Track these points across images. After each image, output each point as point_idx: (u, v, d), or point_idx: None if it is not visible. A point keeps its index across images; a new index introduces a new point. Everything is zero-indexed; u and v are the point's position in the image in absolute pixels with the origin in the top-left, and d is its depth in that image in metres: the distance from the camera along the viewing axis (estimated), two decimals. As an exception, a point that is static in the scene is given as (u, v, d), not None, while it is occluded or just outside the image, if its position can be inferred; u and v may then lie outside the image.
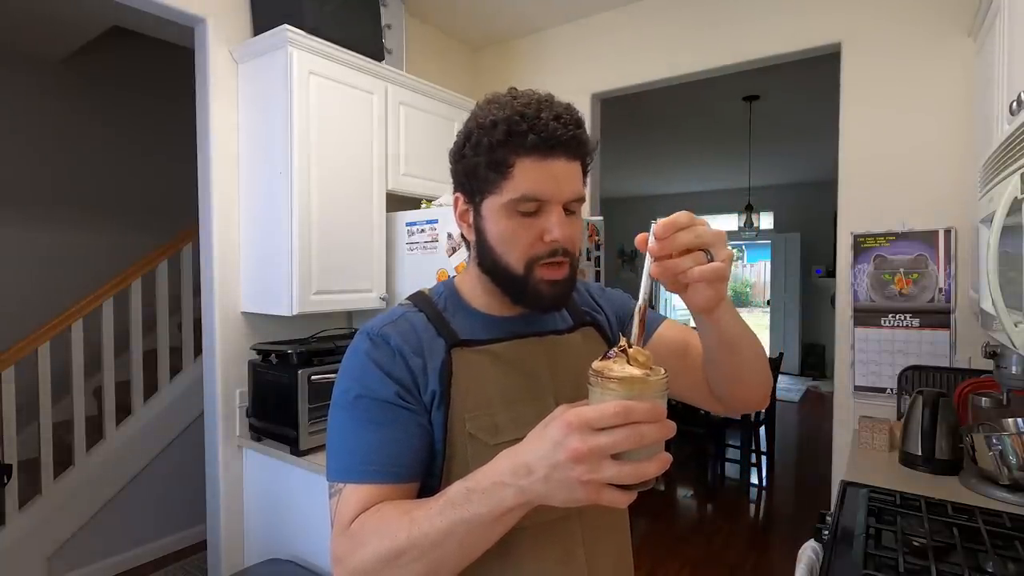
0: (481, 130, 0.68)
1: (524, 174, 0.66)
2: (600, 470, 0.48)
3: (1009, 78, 1.24)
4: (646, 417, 0.48)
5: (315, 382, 1.88)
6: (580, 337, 0.80)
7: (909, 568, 1.06)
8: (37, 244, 3.14)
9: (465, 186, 0.72)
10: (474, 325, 0.74)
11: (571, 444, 0.48)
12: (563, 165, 0.67)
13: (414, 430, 0.67)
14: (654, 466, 0.48)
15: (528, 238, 0.68)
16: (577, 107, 0.72)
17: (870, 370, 2.06)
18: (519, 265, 0.69)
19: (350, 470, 0.65)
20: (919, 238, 1.97)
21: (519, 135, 0.65)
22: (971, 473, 1.53)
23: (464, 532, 0.54)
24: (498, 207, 0.68)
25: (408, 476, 0.66)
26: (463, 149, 0.71)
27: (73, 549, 2.50)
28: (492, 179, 0.68)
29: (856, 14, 2.10)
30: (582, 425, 0.48)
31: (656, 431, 0.48)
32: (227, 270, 2.03)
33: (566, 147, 0.67)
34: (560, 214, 0.68)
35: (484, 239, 0.71)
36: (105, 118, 3.39)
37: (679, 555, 2.89)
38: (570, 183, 0.68)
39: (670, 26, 2.51)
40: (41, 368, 2.40)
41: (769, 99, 4.03)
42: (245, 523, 2.10)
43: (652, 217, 4.00)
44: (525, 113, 0.65)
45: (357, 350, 0.70)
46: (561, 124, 0.66)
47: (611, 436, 0.47)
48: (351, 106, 2.04)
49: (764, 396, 0.77)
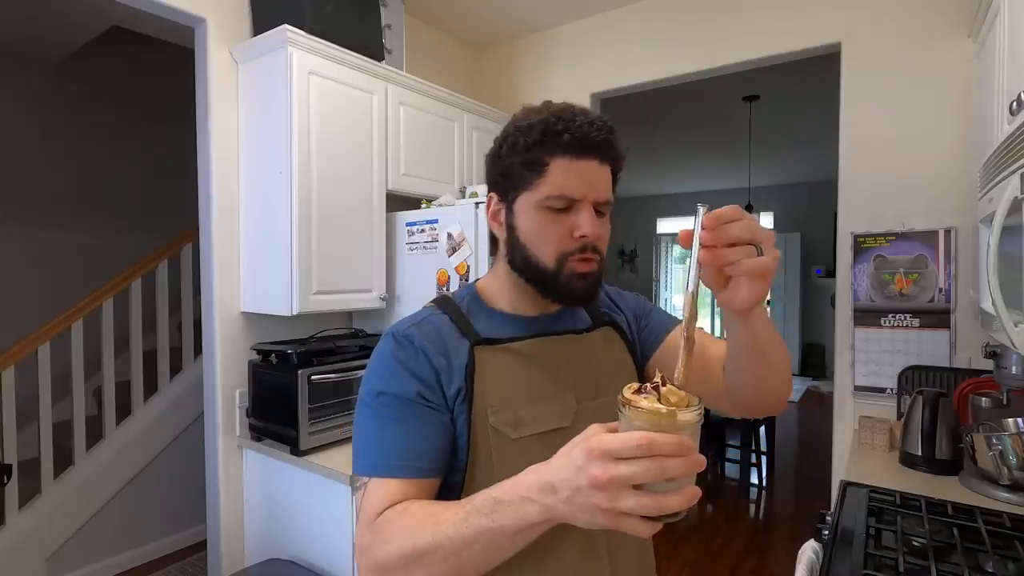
0: (518, 131, 0.72)
1: (558, 172, 0.70)
2: (620, 500, 0.47)
3: (1009, 78, 1.24)
4: (671, 451, 0.47)
5: (315, 382, 1.88)
6: (600, 336, 0.83)
7: (909, 568, 1.06)
8: (37, 244, 3.14)
9: (500, 185, 0.76)
10: (496, 325, 0.77)
11: (592, 471, 0.48)
12: (595, 167, 0.71)
13: (436, 427, 0.69)
14: (678, 500, 0.47)
15: (559, 233, 0.71)
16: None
17: (870, 370, 2.06)
18: (550, 260, 0.71)
19: (374, 465, 0.67)
20: (919, 238, 1.97)
21: (555, 135, 0.69)
22: (971, 473, 1.53)
23: (487, 541, 0.55)
24: (532, 204, 0.71)
25: (430, 471, 0.68)
26: (500, 150, 0.74)
27: (73, 549, 2.50)
28: (527, 177, 0.71)
29: (856, 14, 2.10)
30: (604, 454, 0.48)
31: (681, 466, 0.47)
32: (227, 270, 2.03)
33: (599, 149, 0.70)
34: (591, 211, 0.71)
35: (516, 236, 0.74)
36: (105, 118, 3.39)
37: (679, 555, 2.90)
38: (601, 184, 0.72)
39: (670, 26, 2.51)
40: (41, 368, 2.40)
41: (769, 99, 4.03)
42: (245, 523, 2.10)
43: (652, 217, 4.00)
44: (561, 116, 0.69)
45: (383, 351, 0.73)
46: (595, 128, 0.69)
47: (632, 467, 0.47)
48: (351, 106, 2.04)
49: (784, 401, 0.76)
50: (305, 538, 1.88)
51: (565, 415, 0.73)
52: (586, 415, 0.74)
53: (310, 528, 1.86)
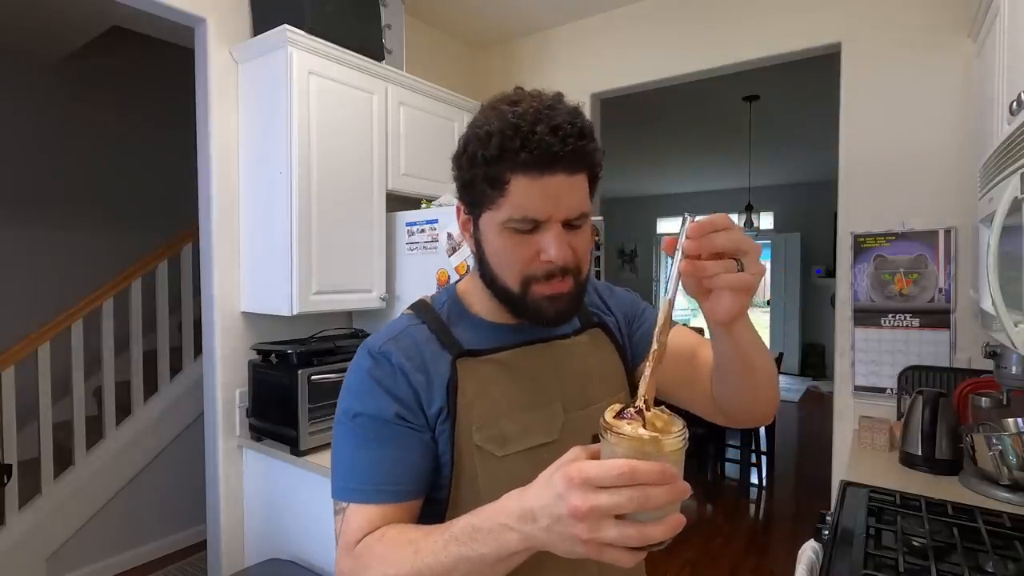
0: (477, 141, 0.64)
1: (519, 192, 0.63)
2: (601, 530, 0.45)
3: (1009, 78, 1.24)
4: (653, 479, 0.44)
5: (315, 382, 1.88)
6: (587, 339, 0.80)
7: (909, 568, 1.06)
8: (37, 244, 3.14)
9: (464, 197, 0.70)
10: (478, 334, 0.73)
11: (572, 500, 0.45)
12: (562, 181, 0.63)
13: (416, 448, 0.66)
14: (661, 529, 0.45)
15: (525, 256, 0.65)
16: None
17: (870, 370, 2.06)
18: (515, 284, 0.67)
19: (352, 490, 0.65)
20: (919, 238, 1.97)
21: (512, 152, 0.61)
22: (971, 473, 1.53)
23: (467, 569, 0.54)
24: (495, 224, 0.66)
25: (410, 494, 0.66)
26: (461, 160, 0.67)
27: (73, 549, 2.50)
28: (489, 195, 0.65)
29: (856, 14, 2.10)
30: (584, 482, 0.45)
31: (665, 494, 0.44)
32: (227, 270, 2.03)
33: (565, 162, 0.62)
34: (558, 233, 0.64)
35: (483, 253, 0.70)
36: (105, 118, 3.39)
37: (679, 555, 2.90)
38: (571, 199, 0.64)
39: (670, 26, 2.51)
40: (41, 368, 2.40)
41: (769, 99, 4.03)
42: (245, 523, 2.10)
43: (652, 217, 3.99)
44: (519, 126, 0.61)
45: (359, 367, 0.70)
46: (559, 138, 0.60)
47: (613, 497, 0.44)
48: (351, 106, 2.04)
49: (770, 414, 0.75)
50: (305, 538, 1.88)
51: (552, 428, 0.71)
52: (574, 426, 0.72)
53: (310, 528, 1.86)
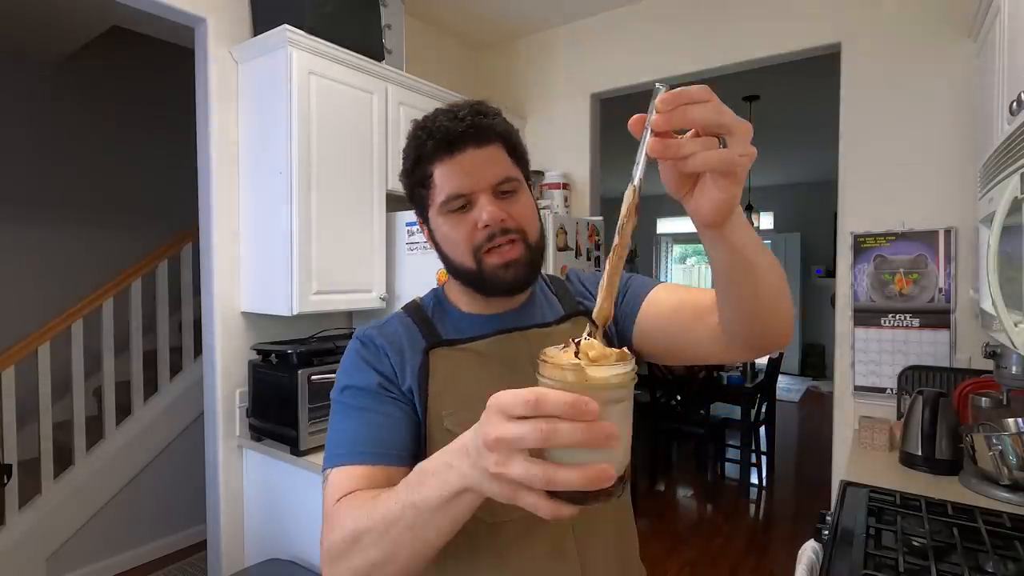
0: (404, 160, 0.75)
1: (441, 177, 0.71)
2: (508, 464, 0.40)
3: (1009, 78, 1.24)
4: (561, 411, 0.38)
5: (315, 382, 1.88)
6: (570, 327, 0.80)
7: (909, 568, 1.06)
8: (37, 244, 3.15)
9: (416, 210, 0.79)
10: (459, 325, 0.77)
11: (485, 428, 0.42)
12: (474, 154, 0.70)
13: (398, 415, 0.69)
14: (574, 476, 0.39)
15: (465, 231, 0.71)
16: (577, 107, 0.73)
17: (870, 370, 2.06)
18: (467, 259, 0.72)
19: (336, 456, 0.67)
20: (919, 238, 1.97)
21: (422, 146, 0.71)
22: (971, 473, 1.53)
23: (412, 516, 0.50)
24: (437, 215, 0.73)
25: (390, 458, 0.66)
26: (402, 182, 0.78)
27: (73, 549, 2.50)
28: (424, 195, 0.74)
29: (856, 14, 2.10)
30: (498, 410, 0.41)
31: (573, 432, 0.38)
32: (227, 270, 2.03)
33: (469, 136, 0.69)
34: (487, 199, 0.70)
35: (439, 247, 0.76)
36: (105, 118, 3.39)
37: (679, 555, 2.90)
38: (488, 169, 0.70)
39: (670, 26, 2.51)
40: (41, 368, 2.40)
41: (769, 99, 4.03)
42: (245, 523, 2.10)
43: (652, 217, 3.99)
44: (424, 126, 0.71)
45: (350, 351, 0.76)
46: (458, 119, 0.69)
47: (519, 428, 0.39)
48: (351, 106, 2.04)
49: (789, 327, 0.66)
50: (305, 538, 1.88)
51: None
52: None
53: (310, 528, 1.86)
